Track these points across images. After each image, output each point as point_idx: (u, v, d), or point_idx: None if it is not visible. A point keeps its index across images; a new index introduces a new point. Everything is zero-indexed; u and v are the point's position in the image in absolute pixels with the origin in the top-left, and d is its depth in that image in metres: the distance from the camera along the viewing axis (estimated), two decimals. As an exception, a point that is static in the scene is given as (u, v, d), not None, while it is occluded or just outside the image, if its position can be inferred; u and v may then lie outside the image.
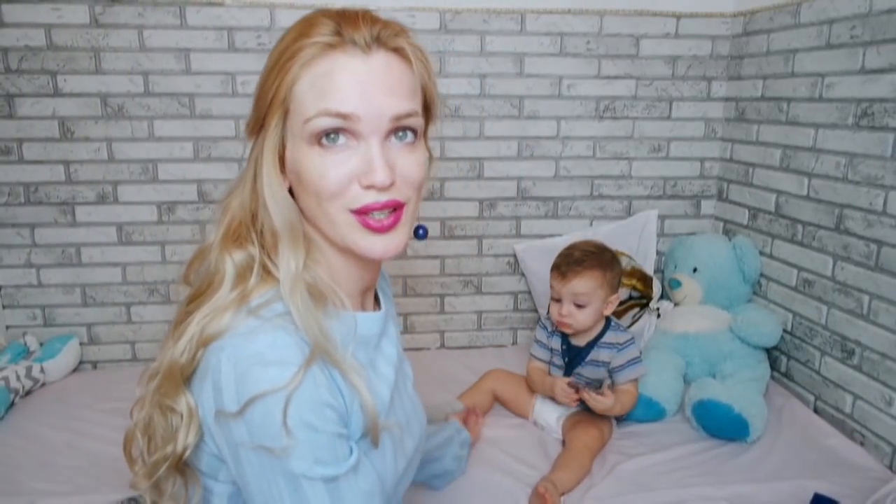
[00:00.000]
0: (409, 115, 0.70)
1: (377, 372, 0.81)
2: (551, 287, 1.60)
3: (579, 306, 1.55)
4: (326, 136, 0.68)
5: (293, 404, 0.64)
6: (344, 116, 0.67)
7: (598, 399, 1.47)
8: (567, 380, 1.54)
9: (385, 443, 0.76)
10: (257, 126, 0.72)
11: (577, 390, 1.50)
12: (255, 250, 0.73)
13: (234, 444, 0.66)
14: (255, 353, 0.65)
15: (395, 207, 0.71)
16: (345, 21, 0.68)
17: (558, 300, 1.58)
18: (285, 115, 0.69)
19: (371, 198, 0.69)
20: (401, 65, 0.70)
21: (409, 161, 0.71)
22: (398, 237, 0.72)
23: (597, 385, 1.55)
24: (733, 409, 1.51)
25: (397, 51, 0.70)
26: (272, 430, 0.63)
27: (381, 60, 0.68)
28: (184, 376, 0.70)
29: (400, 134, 0.70)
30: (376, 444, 0.74)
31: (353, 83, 0.67)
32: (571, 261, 1.55)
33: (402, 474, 0.82)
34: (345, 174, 0.68)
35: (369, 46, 0.68)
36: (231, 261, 0.72)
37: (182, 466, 0.72)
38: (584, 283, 1.53)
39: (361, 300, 0.83)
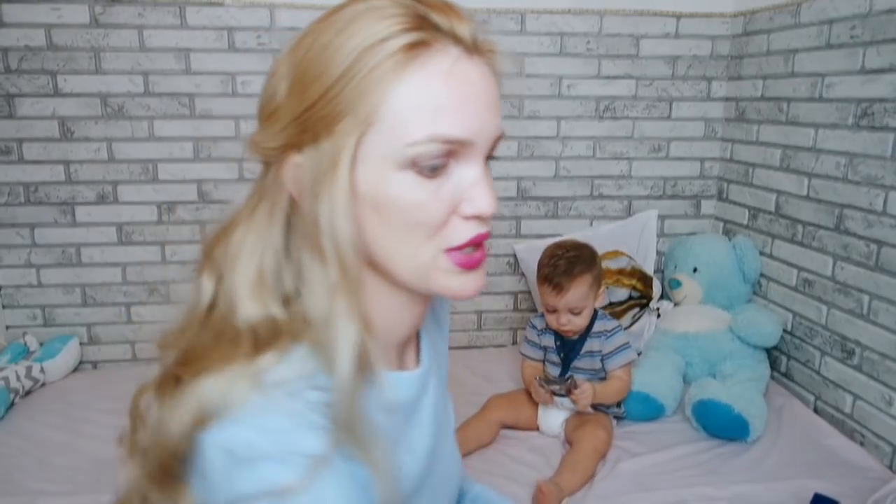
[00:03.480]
0: (503, 136, 0.59)
1: (417, 431, 0.66)
2: (544, 300, 1.57)
3: (576, 313, 1.54)
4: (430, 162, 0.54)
5: None
6: (460, 143, 0.54)
7: (577, 395, 1.47)
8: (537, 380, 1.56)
9: None
10: (303, 142, 0.54)
11: (545, 388, 1.52)
12: (277, 308, 0.56)
13: None
14: (248, 444, 0.50)
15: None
16: (435, 8, 0.54)
17: (554, 311, 1.56)
18: (363, 131, 0.53)
19: (473, 230, 0.57)
20: (493, 75, 0.58)
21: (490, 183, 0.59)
22: (484, 271, 0.60)
23: (562, 384, 1.52)
24: (733, 409, 1.51)
25: (488, 57, 0.57)
26: None
27: (483, 68, 0.56)
28: (178, 462, 0.54)
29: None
30: None
31: (467, 99, 0.54)
32: (560, 272, 1.52)
33: None
34: (446, 203, 0.55)
35: (474, 47, 0.55)
36: (247, 321, 0.55)
37: None
38: (579, 292, 1.52)
39: (402, 350, 0.67)
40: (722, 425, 1.53)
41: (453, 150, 0.54)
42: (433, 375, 0.70)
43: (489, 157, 0.58)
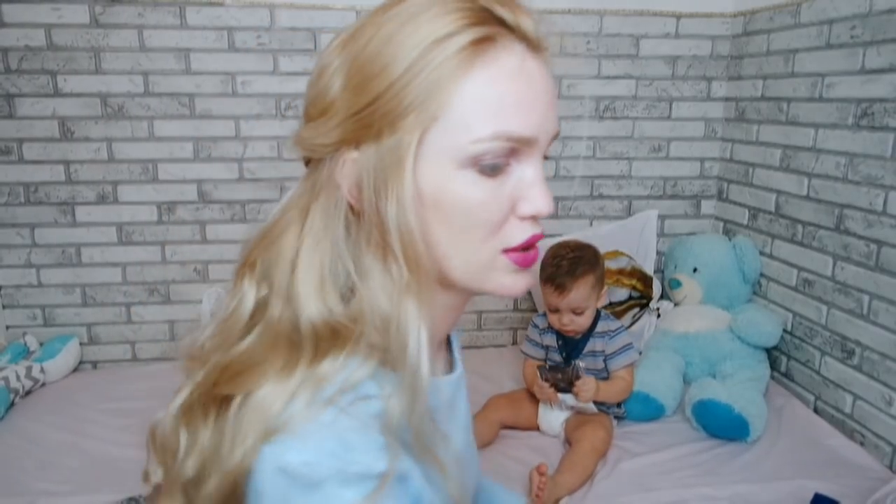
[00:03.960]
0: (559, 134, 0.60)
1: (454, 434, 0.65)
2: (547, 300, 1.57)
3: (578, 313, 1.54)
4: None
5: None
6: (525, 142, 0.53)
7: (579, 387, 1.47)
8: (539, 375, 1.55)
9: None
10: (361, 138, 0.53)
11: (548, 381, 1.52)
12: (339, 307, 0.53)
13: None
14: (307, 464, 0.47)
15: None
16: (499, 1, 0.53)
17: (556, 311, 1.56)
18: (426, 127, 0.52)
19: (529, 231, 0.56)
20: (550, 71, 0.57)
21: None
22: (534, 270, 0.61)
23: (565, 371, 1.51)
24: (733, 409, 1.51)
25: (546, 54, 0.57)
26: None
27: (545, 64, 0.55)
28: (242, 484, 0.50)
29: None
30: None
31: (533, 96, 0.53)
32: (563, 272, 1.52)
33: None
34: (506, 203, 0.54)
35: (538, 44, 0.55)
36: (311, 322, 0.52)
37: None
38: (581, 293, 1.52)
39: (436, 351, 0.65)
40: (722, 425, 1.53)
41: (516, 149, 0.53)
42: (464, 377, 0.69)
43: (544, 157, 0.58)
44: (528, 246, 0.56)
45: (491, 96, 0.51)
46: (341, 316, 0.53)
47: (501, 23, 0.52)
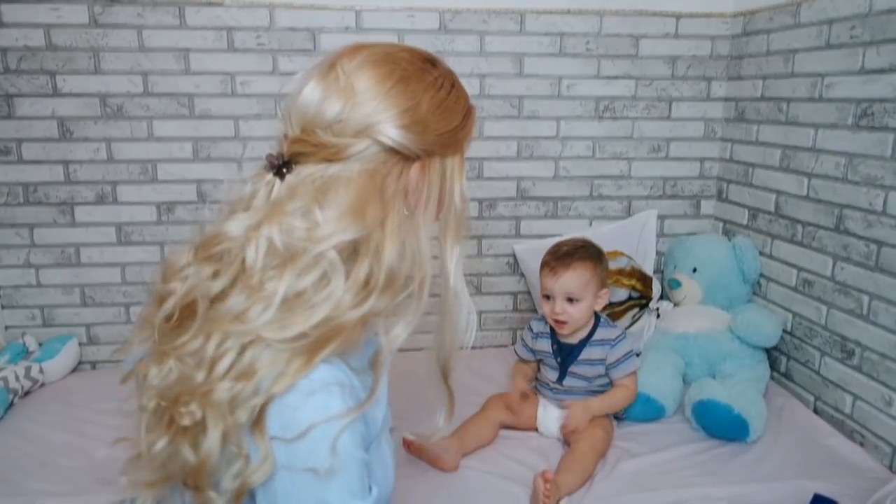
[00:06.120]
0: None
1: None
2: (542, 285, 1.58)
3: (571, 301, 1.53)
4: None
5: (346, 432, 0.65)
6: None
7: (569, 427, 1.48)
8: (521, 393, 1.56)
9: (386, 450, 0.80)
10: (439, 153, 0.77)
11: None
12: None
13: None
14: (309, 380, 0.67)
15: None
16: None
17: (550, 297, 1.56)
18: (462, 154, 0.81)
19: None
20: None
21: None
22: None
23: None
24: (733, 410, 1.51)
25: None
26: (319, 455, 0.63)
27: None
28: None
29: None
30: None
31: None
32: (561, 255, 1.54)
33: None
34: None
35: None
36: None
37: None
38: (576, 277, 1.52)
39: None
40: (722, 425, 1.53)
41: None
42: None
43: None
44: None
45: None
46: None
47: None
